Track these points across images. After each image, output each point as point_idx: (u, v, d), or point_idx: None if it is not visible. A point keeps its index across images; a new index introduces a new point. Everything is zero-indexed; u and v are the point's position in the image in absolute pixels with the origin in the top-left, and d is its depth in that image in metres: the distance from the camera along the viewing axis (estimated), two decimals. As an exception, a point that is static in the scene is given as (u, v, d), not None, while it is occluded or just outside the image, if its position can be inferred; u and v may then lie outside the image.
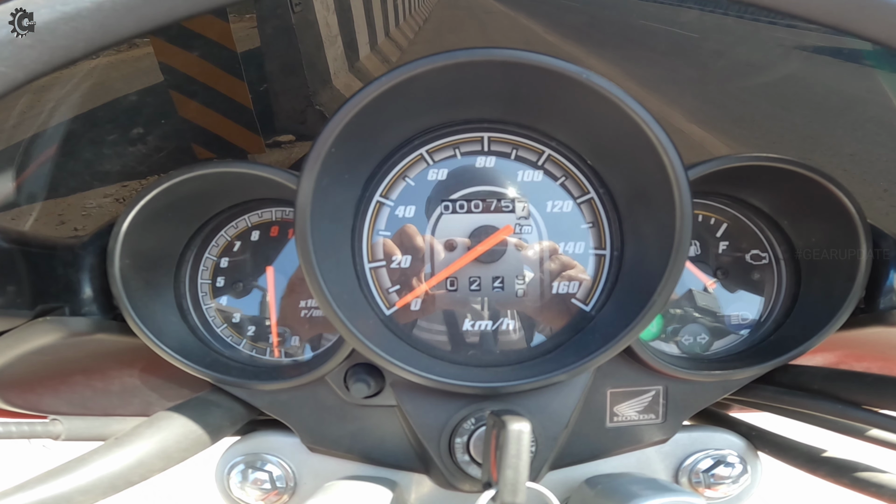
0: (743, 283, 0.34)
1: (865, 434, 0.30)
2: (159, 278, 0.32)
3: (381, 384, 0.30)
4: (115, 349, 0.35)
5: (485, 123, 0.30)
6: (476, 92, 0.28)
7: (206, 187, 0.33)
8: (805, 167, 0.33)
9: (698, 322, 0.34)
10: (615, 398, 0.30)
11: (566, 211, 0.32)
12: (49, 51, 0.22)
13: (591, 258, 0.31)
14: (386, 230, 0.31)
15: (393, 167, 0.31)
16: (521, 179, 0.32)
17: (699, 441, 0.30)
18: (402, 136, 0.32)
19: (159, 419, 0.29)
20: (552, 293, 0.30)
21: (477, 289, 0.31)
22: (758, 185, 0.30)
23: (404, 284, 0.31)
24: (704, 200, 0.32)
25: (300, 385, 0.31)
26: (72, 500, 0.25)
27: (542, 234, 0.32)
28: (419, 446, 0.29)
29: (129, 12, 0.22)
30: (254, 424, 0.32)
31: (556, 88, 0.27)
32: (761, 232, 0.34)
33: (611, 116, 0.27)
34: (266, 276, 0.34)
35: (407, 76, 0.28)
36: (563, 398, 0.29)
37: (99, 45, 0.24)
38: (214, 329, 0.33)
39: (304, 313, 0.32)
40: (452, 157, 0.31)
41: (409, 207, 0.31)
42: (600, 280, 0.31)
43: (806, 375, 0.32)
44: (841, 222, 0.30)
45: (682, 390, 0.30)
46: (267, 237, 0.34)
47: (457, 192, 0.31)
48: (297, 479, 0.31)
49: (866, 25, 0.20)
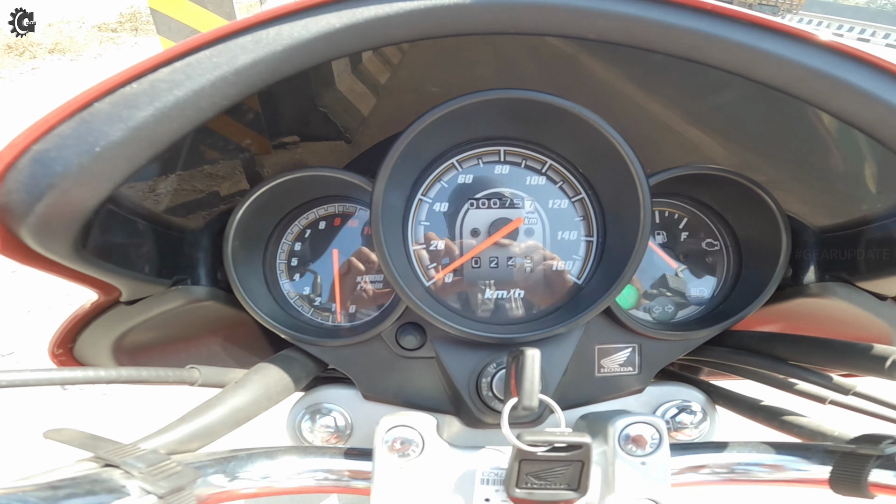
0: (700, 266, 0.44)
1: (793, 387, 0.38)
2: (253, 258, 0.42)
3: (424, 339, 0.39)
4: (218, 315, 0.44)
5: (501, 140, 0.42)
6: (496, 117, 0.38)
7: (293, 186, 0.42)
8: (737, 175, 0.43)
9: (667, 297, 0.44)
10: (601, 353, 0.40)
11: (563, 207, 0.43)
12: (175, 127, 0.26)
13: (582, 243, 0.43)
14: (426, 220, 0.43)
15: (431, 173, 0.42)
16: (529, 183, 0.43)
17: (668, 393, 0.41)
18: (439, 150, 0.41)
19: (259, 370, 0.36)
20: (553, 270, 0.41)
21: (495, 266, 0.42)
22: (708, 187, 0.38)
23: (440, 262, 0.42)
24: (668, 199, 0.41)
25: (360, 342, 0.40)
26: (213, 430, 0.33)
27: (545, 225, 0.43)
28: (452, 390, 0.38)
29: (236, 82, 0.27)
30: (317, 381, 0.41)
31: (555, 116, 0.38)
32: (713, 224, 0.42)
33: (594, 136, 0.37)
34: (331, 257, 0.43)
35: (454, 108, 0.37)
36: (561, 350, 0.38)
37: (217, 110, 0.29)
38: (289, 300, 0.43)
39: (358, 287, 0.43)
40: (476, 165, 0.42)
41: (444, 204, 0.43)
42: (589, 260, 0.43)
43: (747, 338, 0.42)
44: (767, 216, 0.40)
45: (653, 348, 0.40)
46: (331, 226, 0.44)
47: (479, 192, 0.42)
48: (353, 425, 0.40)
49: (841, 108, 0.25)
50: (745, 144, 0.38)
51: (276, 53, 0.28)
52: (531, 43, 0.39)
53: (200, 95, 0.27)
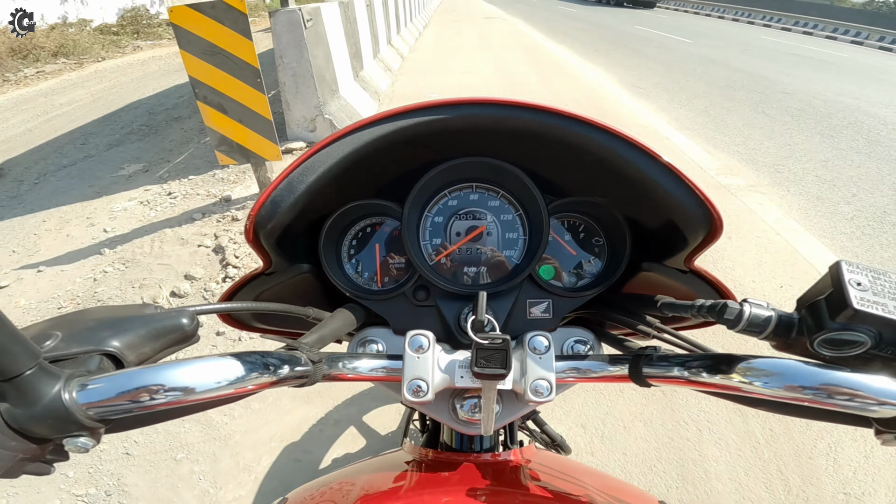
0: (592, 253, 0.61)
1: (635, 326, 0.53)
2: (331, 249, 0.60)
3: (429, 295, 0.58)
4: (310, 284, 0.61)
5: (473, 180, 0.60)
6: (470, 168, 0.58)
7: (357, 208, 0.60)
8: (599, 201, 0.59)
9: (571, 272, 0.61)
10: (530, 304, 0.59)
11: (509, 219, 0.61)
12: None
13: (520, 240, 0.61)
14: (430, 227, 0.61)
15: (433, 199, 0.60)
16: (489, 205, 0.61)
17: (571, 332, 0.57)
18: (437, 186, 0.59)
19: (340, 312, 0.55)
20: (502, 257, 0.60)
21: (469, 254, 0.61)
22: (588, 207, 0.55)
23: (438, 251, 0.60)
24: (571, 213, 0.58)
25: (391, 297, 0.58)
26: (324, 339, 0.49)
27: (499, 230, 0.61)
28: (444, 325, 0.58)
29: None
30: (364, 325, 0.59)
31: (501, 169, 0.57)
32: (597, 228, 0.61)
33: (521, 181, 0.57)
34: (374, 249, 0.61)
35: (447, 166, 0.57)
36: (506, 301, 0.58)
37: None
38: (349, 275, 0.61)
39: (390, 265, 0.61)
40: (459, 193, 0.61)
41: (440, 217, 0.61)
42: (523, 250, 0.60)
43: (619, 297, 0.60)
44: (618, 223, 0.58)
45: (560, 302, 0.59)
46: (373, 230, 0.61)
47: (460, 210, 0.61)
48: (387, 350, 0.57)
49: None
50: (599, 182, 0.55)
51: (359, 148, 0.49)
52: (492, 130, 0.59)
53: (331, 167, 0.49)
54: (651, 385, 0.43)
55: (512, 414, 0.50)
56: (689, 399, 1.82)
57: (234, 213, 3.02)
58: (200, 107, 2.66)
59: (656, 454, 1.63)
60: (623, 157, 0.48)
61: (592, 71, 7.94)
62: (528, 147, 0.52)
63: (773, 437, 1.68)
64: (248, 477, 1.56)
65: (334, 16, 4.41)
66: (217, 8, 2.45)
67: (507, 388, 0.45)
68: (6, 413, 0.29)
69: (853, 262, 0.33)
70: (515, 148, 0.53)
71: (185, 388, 0.32)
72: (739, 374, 0.34)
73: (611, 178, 0.51)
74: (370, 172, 0.53)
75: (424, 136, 0.50)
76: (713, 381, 0.36)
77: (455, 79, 6.85)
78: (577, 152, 0.50)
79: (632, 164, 0.48)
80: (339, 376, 0.45)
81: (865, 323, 0.31)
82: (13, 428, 0.29)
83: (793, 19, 23.10)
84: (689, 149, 4.43)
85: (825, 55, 12.05)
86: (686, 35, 14.42)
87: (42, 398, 0.29)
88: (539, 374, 0.44)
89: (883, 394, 0.30)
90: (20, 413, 0.29)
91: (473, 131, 0.51)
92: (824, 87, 7.41)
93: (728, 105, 6.19)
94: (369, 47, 6.12)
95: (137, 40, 11.90)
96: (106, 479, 1.58)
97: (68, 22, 11.74)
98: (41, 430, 0.29)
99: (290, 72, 3.72)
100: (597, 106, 5.65)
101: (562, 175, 0.57)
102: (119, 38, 11.79)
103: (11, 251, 2.85)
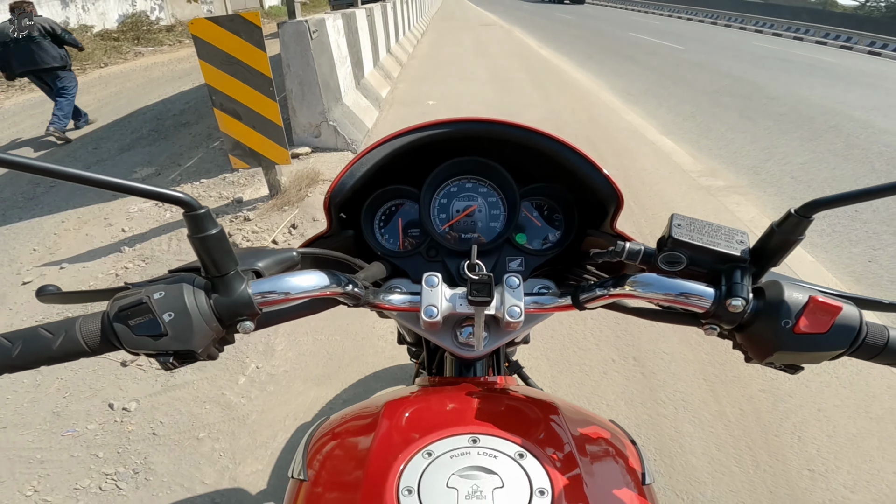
0: (554, 227, 0.76)
1: (581, 276, 0.71)
2: (368, 221, 0.76)
3: (437, 253, 0.73)
4: (348, 246, 0.75)
5: (468, 173, 0.75)
6: (467, 166, 0.75)
7: (386, 192, 0.76)
8: (554, 187, 0.76)
9: (540, 239, 0.76)
10: (509, 261, 0.73)
11: (493, 200, 0.76)
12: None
13: (502, 215, 0.75)
14: (437, 206, 0.76)
15: (440, 185, 0.75)
16: (480, 190, 0.76)
17: (539, 282, 0.70)
18: (444, 177, 0.74)
19: (374, 264, 0.69)
20: (489, 226, 0.76)
21: (465, 225, 0.75)
22: (550, 189, 0.74)
23: (443, 222, 0.76)
24: (539, 196, 0.76)
25: (410, 255, 0.73)
26: (368, 278, 0.63)
27: (487, 208, 0.76)
28: (449, 274, 0.72)
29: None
30: (389, 277, 0.72)
31: (486, 166, 0.74)
32: (557, 205, 0.76)
33: (501, 174, 0.73)
34: (398, 223, 0.76)
35: (450, 162, 0.74)
36: (492, 258, 0.73)
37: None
38: (380, 241, 0.76)
39: (409, 234, 0.76)
40: (458, 182, 0.76)
41: (445, 199, 0.76)
42: (504, 222, 0.75)
43: (573, 254, 0.75)
44: (569, 202, 0.74)
45: (530, 259, 0.73)
46: (397, 208, 0.77)
47: (459, 194, 0.76)
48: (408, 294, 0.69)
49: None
50: (553, 172, 0.71)
51: (393, 150, 0.66)
52: (481, 137, 0.71)
53: (376, 162, 0.66)
54: (586, 307, 0.59)
55: (497, 341, 0.66)
56: (666, 380, 1.99)
57: (245, 213, 3.18)
58: (217, 113, 2.83)
59: (637, 429, 1.79)
60: (559, 153, 0.66)
61: (585, 77, 8.15)
62: (505, 148, 0.70)
63: (742, 416, 1.83)
64: (265, 452, 1.71)
65: (338, 26, 4.60)
66: (234, 21, 2.64)
67: (490, 312, 0.57)
68: (215, 301, 0.44)
69: (680, 214, 0.51)
70: (498, 149, 0.71)
71: (300, 287, 0.49)
72: (630, 285, 0.51)
73: (557, 168, 0.68)
74: (398, 166, 0.70)
75: (435, 142, 0.68)
76: (616, 292, 0.53)
77: (453, 88, 7.01)
78: (534, 152, 0.68)
79: (564, 156, 0.66)
80: (378, 304, 0.60)
81: (681, 247, 0.49)
82: (216, 314, 0.44)
83: (784, 24, 23.30)
84: (674, 153, 4.60)
85: (814, 60, 12.28)
86: (679, 41, 14.66)
87: (236, 290, 0.45)
88: (512, 302, 0.58)
89: (698, 292, 0.48)
90: (223, 300, 0.45)
91: (468, 138, 0.69)
92: (809, 92, 7.62)
93: (714, 110, 6.40)
94: (370, 56, 6.30)
95: (138, 46, 11.97)
96: (133, 458, 1.71)
97: (69, 27, 11.75)
98: (230, 313, 0.45)
99: (297, 80, 3.90)
100: (589, 112, 5.84)
101: (529, 168, 0.74)
102: (120, 44, 11.90)
103: (32, 249, 3.00)
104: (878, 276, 2.85)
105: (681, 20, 27.24)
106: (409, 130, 0.66)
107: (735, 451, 1.71)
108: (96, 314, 0.43)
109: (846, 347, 0.44)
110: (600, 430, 0.57)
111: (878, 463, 1.68)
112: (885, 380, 1.99)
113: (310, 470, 0.53)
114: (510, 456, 0.46)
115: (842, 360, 0.46)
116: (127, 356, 2.11)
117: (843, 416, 1.85)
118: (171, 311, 0.42)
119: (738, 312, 0.46)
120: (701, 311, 0.49)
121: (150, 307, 0.42)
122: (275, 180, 3.19)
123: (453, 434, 0.49)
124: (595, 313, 2.27)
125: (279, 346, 2.16)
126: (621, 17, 24.27)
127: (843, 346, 0.44)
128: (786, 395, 1.92)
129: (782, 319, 0.44)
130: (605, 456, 0.53)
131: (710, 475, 1.63)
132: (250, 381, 2.01)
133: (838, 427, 1.81)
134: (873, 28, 20.50)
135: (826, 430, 1.79)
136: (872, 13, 39.19)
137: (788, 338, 0.44)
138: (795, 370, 0.48)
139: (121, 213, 3.37)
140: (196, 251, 0.44)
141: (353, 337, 2.21)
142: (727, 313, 0.47)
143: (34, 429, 1.85)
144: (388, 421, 0.53)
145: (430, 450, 0.47)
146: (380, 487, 0.44)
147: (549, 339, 2.21)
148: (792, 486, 1.60)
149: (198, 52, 2.71)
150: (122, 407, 1.91)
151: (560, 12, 25.50)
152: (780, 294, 0.45)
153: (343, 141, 4.18)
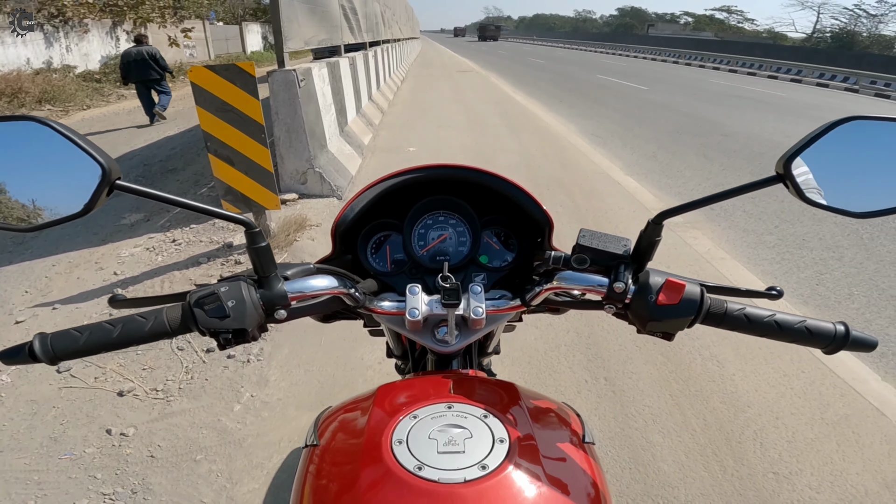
0: (510, 250, 0.88)
1: (533, 284, 0.78)
2: (362, 249, 0.87)
3: (418, 271, 0.85)
4: (346, 266, 0.84)
5: (441, 209, 0.89)
6: (439, 202, 0.90)
7: (379, 224, 0.90)
8: (505, 217, 0.90)
9: (498, 260, 0.88)
10: (474, 276, 0.86)
11: (461, 230, 0.88)
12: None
13: (468, 241, 0.87)
14: (417, 234, 0.88)
15: (418, 218, 0.88)
16: (450, 222, 0.88)
17: (500, 292, 0.78)
18: (422, 211, 0.87)
19: (368, 280, 0.79)
20: (457, 250, 0.87)
21: (439, 248, 0.87)
22: (504, 219, 0.88)
23: (422, 247, 0.87)
24: (494, 225, 0.89)
25: (397, 274, 0.85)
26: (364, 289, 0.74)
27: (455, 236, 0.89)
28: (426, 287, 0.79)
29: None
30: (376, 292, 0.81)
31: (455, 203, 0.89)
32: (512, 232, 0.89)
33: (465, 208, 0.88)
34: (386, 250, 0.88)
35: (428, 200, 0.87)
36: (459, 275, 0.85)
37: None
38: (373, 263, 0.87)
39: (395, 258, 0.87)
40: (432, 215, 0.88)
41: (423, 229, 0.87)
42: (470, 247, 0.87)
43: (526, 268, 0.87)
44: (520, 229, 0.89)
45: (491, 274, 0.86)
46: (386, 237, 0.89)
47: (434, 225, 0.88)
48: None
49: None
50: (505, 204, 0.85)
51: (382, 190, 0.82)
52: (450, 179, 0.86)
53: (370, 199, 0.81)
54: (531, 305, 0.72)
55: (467, 338, 0.76)
56: (635, 396, 2.15)
57: (236, 257, 3.30)
58: (211, 159, 3.01)
59: (610, 442, 1.92)
60: (501, 188, 0.84)
61: (556, 121, 8.64)
62: (467, 186, 0.87)
63: (706, 426, 1.97)
64: (261, 472, 1.78)
65: (323, 75, 4.89)
66: (230, 70, 2.86)
67: (460, 313, 0.68)
68: (261, 294, 0.58)
69: (587, 228, 0.67)
70: (462, 188, 0.88)
71: (318, 287, 0.64)
72: (556, 280, 0.66)
73: (507, 201, 0.85)
74: (385, 202, 0.86)
75: (416, 184, 0.85)
76: (548, 287, 0.67)
77: (432, 133, 7.33)
78: (490, 189, 0.85)
79: (505, 190, 0.83)
80: (372, 309, 0.72)
81: (585, 251, 0.64)
82: (262, 303, 0.58)
83: (739, 60, 25.15)
84: (637, 192, 4.93)
85: (766, 95, 13.26)
86: (643, 82, 15.68)
87: (275, 287, 0.60)
88: (476, 304, 0.70)
89: (597, 281, 0.63)
90: (267, 293, 0.59)
91: (439, 180, 0.87)
92: (761, 129, 8.25)
93: (674, 149, 6.89)
94: (353, 103, 6.63)
95: (121, 88, 11.74)
96: (131, 479, 1.75)
97: (52, 67, 11.86)
98: (271, 304, 0.60)
99: (285, 127, 4.13)
100: (560, 156, 6.21)
101: (489, 201, 0.90)
102: (102, 85, 11.90)
103: (24, 291, 3.05)
104: (825, 298, 3.11)
105: (646, 60, 28.88)
106: (395, 175, 0.84)
107: (703, 458, 1.83)
108: (176, 305, 0.57)
109: (694, 314, 0.58)
110: (549, 403, 0.68)
111: (839, 465, 1.80)
112: (838, 389, 2.18)
113: (320, 438, 0.62)
114: (477, 417, 0.57)
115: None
116: (123, 386, 2.19)
117: (800, 423, 1.99)
118: (232, 299, 0.56)
119: (622, 293, 0.61)
120: (600, 295, 0.63)
121: (219, 297, 0.56)
122: (264, 225, 3.32)
123: (433, 403, 0.60)
124: (566, 341, 2.48)
125: (272, 376, 2.26)
126: (589, 60, 25.69)
127: (692, 314, 0.58)
128: (745, 406, 2.08)
129: (649, 296, 0.59)
130: (552, 419, 0.64)
131: (682, 480, 1.74)
132: (245, 408, 2.09)
133: (797, 433, 1.94)
134: (822, 60, 22.16)
135: (785, 436, 1.91)
136: (819, 45, 40.92)
137: (654, 309, 0.59)
138: (669, 337, 0.62)
139: (111, 258, 3.46)
140: (251, 258, 0.60)
141: (343, 367, 2.32)
142: (615, 294, 0.61)
143: (31, 452, 1.88)
144: (382, 398, 0.64)
145: (415, 414, 0.57)
146: (377, 441, 0.54)
147: (527, 364, 2.36)
148: (759, 489, 1.71)
149: (195, 98, 2.90)
150: (119, 432, 1.96)
151: (532, 57, 26.84)
152: (647, 279, 0.61)
153: (329, 188, 4.35)
